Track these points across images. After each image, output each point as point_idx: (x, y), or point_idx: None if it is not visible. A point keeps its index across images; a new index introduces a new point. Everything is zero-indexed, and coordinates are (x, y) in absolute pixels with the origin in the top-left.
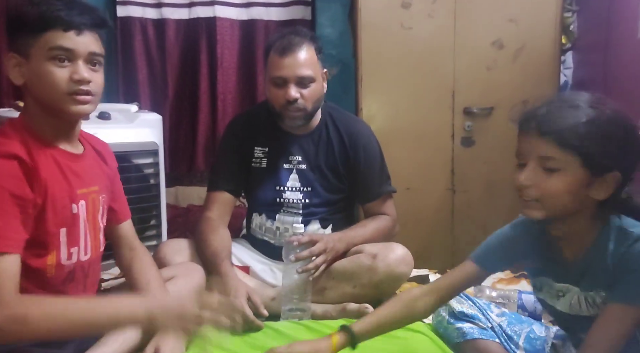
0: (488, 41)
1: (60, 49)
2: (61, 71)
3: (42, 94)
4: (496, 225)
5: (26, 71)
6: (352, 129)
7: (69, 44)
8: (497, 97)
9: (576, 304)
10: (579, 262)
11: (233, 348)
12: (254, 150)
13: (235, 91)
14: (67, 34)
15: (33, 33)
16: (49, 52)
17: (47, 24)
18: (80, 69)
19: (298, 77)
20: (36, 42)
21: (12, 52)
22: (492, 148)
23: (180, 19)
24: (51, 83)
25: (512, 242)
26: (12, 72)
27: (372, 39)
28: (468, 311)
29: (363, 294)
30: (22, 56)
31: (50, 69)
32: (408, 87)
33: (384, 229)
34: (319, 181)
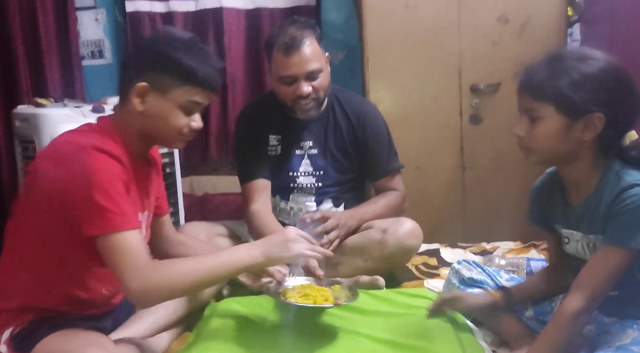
0: (493, 17)
1: (195, 104)
2: (185, 119)
3: (158, 127)
4: (506, 200)
5: (152, 102)
6: (359, 109)
7: (202, 101)
8: (503, 72)
9: (581, 250)
10: (580, 207)
11: (253, 319)
12: (269, 138)
13: (244, 79)
14: (206, 92)
15: (180, 81)
16: (187, 102)
17: (198, 82)
18: (199, 120)
19: (307, 73)
20: (179, 89)
21: (144, 82)
22: (500, 124)
23: (187, 11)
24: (173, 125)
25: (539, 191)
26: (137, 100)
27: (377, 21)
28: (477, 277)
29: (375, 267)
30: (156, 90)
31: (178, 114)
32: (414, 67)
33: (394, 205)
34: (330, 163)
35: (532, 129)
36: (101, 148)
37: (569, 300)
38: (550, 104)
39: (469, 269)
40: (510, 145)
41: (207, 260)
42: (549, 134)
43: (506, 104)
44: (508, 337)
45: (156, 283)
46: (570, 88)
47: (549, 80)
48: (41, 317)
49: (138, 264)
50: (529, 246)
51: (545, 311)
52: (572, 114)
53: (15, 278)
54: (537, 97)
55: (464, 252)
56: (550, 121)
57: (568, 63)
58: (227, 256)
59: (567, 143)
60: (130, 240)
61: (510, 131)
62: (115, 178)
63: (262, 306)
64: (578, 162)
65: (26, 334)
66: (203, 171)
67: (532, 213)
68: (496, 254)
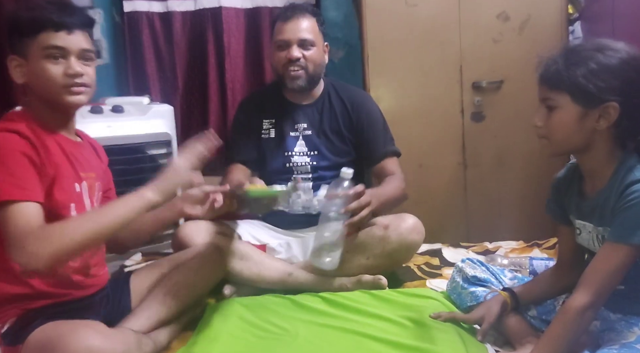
0: (493, 14)
1: (53, 48)
2: (56, 68)
3: (41, 89)
4: (509, 198)
5: (26, 70)
6: (354, 95)
7: (60, 43)
8: (505, 69)
9: (592, 241)
10: (593, 199)
11: (254, 320)
12: (262, 122)
13: (244, 78)
14: (58, 34)
15: (29, 35)
16: (44, 51)
17: (40, 26)
18: (73, 64)
19: (300, 39)
20: (32, 44)
21: (12, 54)
22: (502, 121)
23: (186, 10)
24: (48, 79)
25: (559, 181)
26: (15, 72)
27: (377, 18)
28: (481, 275)
29: (377, 265)
30: (21, 56)
31: (46, 66)
32: (415, 65)
33: (401, 187)
34: (325, 144)
35: (548, 119)
36: (6, 128)
37: (575, 296)
38: (566, 93)
39: (473, 267)
40: (513, 143)
41: (98, 213)
42: (564, 123)
43: (508, 101)
44: (511, 336)
45: (47, 248)
46: (585, 77)
47: (565, 69)
48: (26, 309)
49: (27, 232)
50: (531, 245)
51: (548, 310)
52: (586, 103)
53: None
54: (553, 87)
55: (467, 252)
56: (565, 110)
57: (585, 53)
58: (118, 205)
59: (582, 132)
60: (23, 209)
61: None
62: (13, 151)
63: (264, 307)
64: (593, 152)
65: (18, 329)
66: (202, 171)
67: (550, 203)
68: (499, 253)
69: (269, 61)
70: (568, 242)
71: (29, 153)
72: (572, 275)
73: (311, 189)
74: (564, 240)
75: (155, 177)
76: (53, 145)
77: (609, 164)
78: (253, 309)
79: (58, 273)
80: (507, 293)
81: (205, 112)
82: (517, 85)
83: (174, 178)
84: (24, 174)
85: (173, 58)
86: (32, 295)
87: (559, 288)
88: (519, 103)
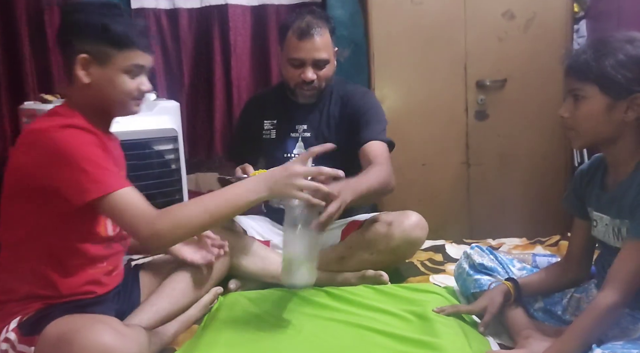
0: (498, 12)
1: (138, 67)
2: (132, 82)
3: (109, 96)
4: (512, 197)
5: (97, 74)
6: (352, 90)
7: (143, 63)
8: (509, 68)
9: (608, 234)
10: (614, 191)
11: (259, 313)
12: (264, 123)
13: (249, 76)
14: (144, 54)
15: (118, 47)
16: (129, 66)
17: (133, 45)
18: (146, 82)
19: (315, 60)
20: (117, 55)
21: (83, 54)
22: (506, 120)
23: (192, 7)
24: (123, 91)
25: (582, 174)
26: (80, 71)
27: (382, 17)
28: (488, 264)
29: (380, 260)
30: (97, 61)
31: (125, 79)
32: (420, 63)
33: (382, 176)
34: None
35: (575, 110)
36: (69, 124)
37: (604, 294)
38: (594, 84)
39: (481, 255)
40: (516, 141)
41: (212, 199)
42: (592, 114)
43: (512, 100)
44: (511, 329)
45: (166, 227)
46: (614, 68)
47: (593, 60)
48: (47, 305)
49: (144, 214)
50: (534, 242)
51: (554, 301)
52: (615, 94)
53: (16, 269)
54: (581, 78)
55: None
56: (593, 100)
57: (614, 44)
58: (231, 194)
59: (610, 123)
60: (128, 195)
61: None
62: (92, 145)
63: (269, 300)
64: (620, 143)
65: (34, 321)
66: (208, 168)
67: (569, 195)
68: (502, 250)
69: (274, 59)
70: (580, 236)
71: (100, 146)
72: (579, 270)
73: None
74: (576, 233)
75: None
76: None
77: (633, 157)
78: (258, 303)
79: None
80: (511, 283)
81: (210, 109)
82: (521, 84)
83: (290, 186)
84: (109, 164)
85: (179, 55)
86: (57, 296)
87: (565, 282)
88: (523, 102)
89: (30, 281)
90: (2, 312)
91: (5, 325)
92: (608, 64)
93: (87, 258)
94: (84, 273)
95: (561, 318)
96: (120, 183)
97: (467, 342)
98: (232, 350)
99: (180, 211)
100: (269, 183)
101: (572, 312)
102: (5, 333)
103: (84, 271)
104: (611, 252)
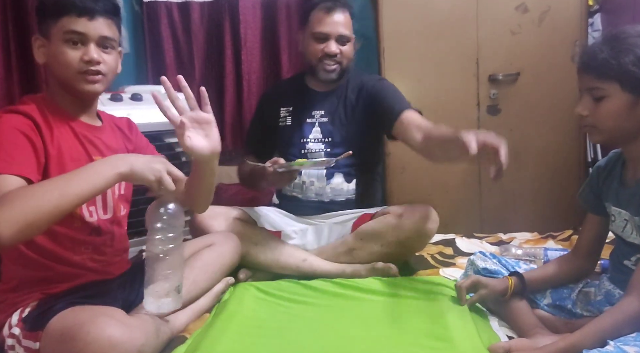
0: (512, 5)
1: (73, 33)
2: (73, 52)
3: (58, 72)
4: (524, 192)
5: (47, 51)
6: (365, 77)
7: (81, 28)
8: (522, 62)
9: (627, 230)
10: (634, 187)
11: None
12: (280, 111)
13: (260, 70)
14: (80, 19)
15: (52, 18)
16: (64, 35)
17: (64, 10)
18: (90, 51)
19: (339, 34)
20: (54, 26)
21: (37, 34)
22: (518, 114)
23: (204, 1)
24: (64, 62)
25: (600, 169)
26: (37, 52)
27: (392, 11)
28: (491, 267)
29: (390, 252)
30: (44, 37)
31: (64, 50)
32: (431, 57)
33: None
34: (339, 132)
35: (596, 108)
36: (11, 109)
37: (631, 300)
38: (615, 82)
39: (484, 260)
40: (528, 136)
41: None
42: (615, 112)
43: (525, 95)
44: (518, 327)
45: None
46: (635, 65)
47: (612, 58)
48: (47, 295)
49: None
50: (546, 237)
51: (563, 297)
52: (637, 91)
53: (7, 258)
54: (600, 76)
55: (480, 242)
56: (615, 98)
57: (631, 40)
58: (89, 172)
59: (633, 120)
60: (7, 181)
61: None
62: (11, 128)
63: (279, 291)
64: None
65: (37, 314)
66: (218, 162)
67: (584, 190)
68: (513, 244)
69: (284, 53)
70: (592, 231)
71: (27, 131)
72: (586, 264)
73: (325, 176)
74: (588, 228)
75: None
76: (63, 127)
77: None
78: (268, 292)
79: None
80: (515, 276)
81: (221, 103)
82: (534, 78)
83: (149, 169)
84: (15, 150)
85: (191, 48)
86: (52, 278)
87: (572, 276)
88: (535, 96)
89: (20, 269)
90: (4, 304)
91: (7, 317)
92: (629, 61)
93: (62, 241)
94: (67, 256)
95: (571, 312)
96: (5, 167)
97: (477, 333)
98: (242, 338)
99: (28, 191)
100: (132, 159)
101: (582, 306)
102: (10, 329)
103: (66, 254)
104: (630, 247)
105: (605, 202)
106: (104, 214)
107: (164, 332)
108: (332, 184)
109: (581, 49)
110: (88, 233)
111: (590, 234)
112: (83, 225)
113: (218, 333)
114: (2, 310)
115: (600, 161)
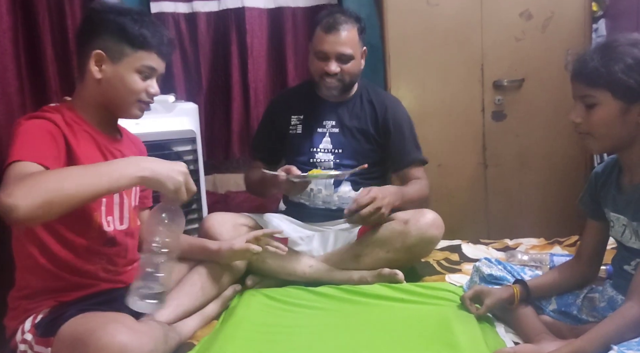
0: (516, 12)
1: (149, 68)
2: (141, 83)
3: (115, 93)
4: (529, 198)
5: (109, 70)
6: (384, 99)
7: (156, 66)
8: (527, 68)
9: (626, 235)
10: (630, 191)
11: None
12: (290, 119)
13: (266, 78)
14: (159, 58)
15: (134, 47)
16: (141, 66)
17: (149, 46)
18: (155, 85)
19: (338, 53)
20: (133, 54)
21: (99, 50)
22: (523, 120)
23: (210, 11)
24: (131, 89)
25: (597, 175)
26: (94, 67)
27: (398, 19)
28: (497, 273)
29: (396, 258)
30: (111, 58)
31: (135, 78)
32: (436, 64)
33: (424, 191)
34: (350, 143)
35: (589, 116)
36: (38, 115)
37: (631, 305)
38: (606, 90)
39: (489, 266)
40: (534, 142)
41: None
42: (607, 119)
43: (530, 100)
44: (524, 332)
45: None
46: (624, 73)
47: (603, 66)
48: (59, 302)
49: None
50: (552, 242)
51: (568, 303)
52: (628, 98)
53: (22, 267)
54: (592, 84)
55: (486, 248)
56: (607, 106)
57: (621, 49)
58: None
59: (626, 126)
60: (24, 166)
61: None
62: (40, 128)
63: (286, 297)
64: (636, 146)
65: (49, 321)
66: (226, 169)
67: (584, 196)
68: (519, 250)
69: (290, 62)
70: (592, 237)
71: (52, 131)
72: (588, 270)
73: (332, 184)
74: (588, 234)
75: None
76: (85, 136)
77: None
78: (275, 299)
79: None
80: (519, 285)
81: (228, 111)
82: (539, 83)
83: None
84: (40, 144)
85: (198, 58)
86: (65, 287)
87: (575, 282)
88: (540, 102)
89: (34, 277)
90: (17, 310)
91: (19, 323)
92: (618, 70)
93: (78, 250)
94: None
95: (577, 318)
96: (28, 156)
97: (483, 339)
98: (250, 345)
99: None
100: (154, 164)
101: (587, 312)
102: (22, 335)
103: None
104: (629, 252)
105: (604, 208)
106: (120, 225)
107: (173, 338)
108: (339, 193)
109: (573, 57)
110: (103, 244)
111: (591, 240)
112: (99, 235)
113: (226, 340)
114: (15, 316)
115: (598, 167)
